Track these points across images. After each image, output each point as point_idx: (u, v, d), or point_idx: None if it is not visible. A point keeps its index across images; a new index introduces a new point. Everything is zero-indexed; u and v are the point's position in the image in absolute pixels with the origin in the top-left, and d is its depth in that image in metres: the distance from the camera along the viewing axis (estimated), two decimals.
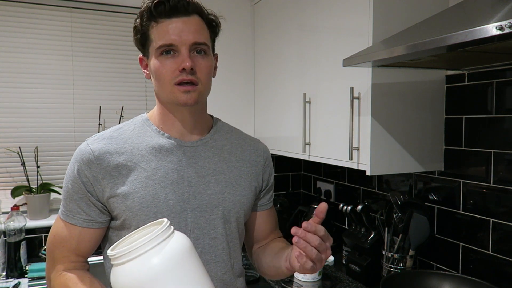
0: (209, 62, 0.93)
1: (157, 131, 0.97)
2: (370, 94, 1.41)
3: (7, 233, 1.82)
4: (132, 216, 0.90)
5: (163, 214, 0.91)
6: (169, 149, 0.95)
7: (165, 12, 0.89)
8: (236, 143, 1.05)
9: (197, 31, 0.90)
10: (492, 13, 0.89)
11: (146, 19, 0.90)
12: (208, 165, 0.97)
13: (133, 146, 0.94)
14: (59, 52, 2.08)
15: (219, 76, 2.22)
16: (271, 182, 1.11)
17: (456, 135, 1.53)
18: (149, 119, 1.00)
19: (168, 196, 0.92)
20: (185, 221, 0.93)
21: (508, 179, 1.36)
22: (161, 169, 0.93)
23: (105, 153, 0.92)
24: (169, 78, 0.89)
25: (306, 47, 1.78)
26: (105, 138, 0.95)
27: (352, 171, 2.09)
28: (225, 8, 2.21)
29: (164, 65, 0.89)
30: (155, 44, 0.90)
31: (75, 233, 0.93)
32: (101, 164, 0.91)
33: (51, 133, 2.09)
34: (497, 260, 1.39)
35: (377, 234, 1.70)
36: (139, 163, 0.92)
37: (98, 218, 0.93)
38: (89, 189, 0.91)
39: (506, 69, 1.35)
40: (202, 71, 0.91)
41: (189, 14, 0.90)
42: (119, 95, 2.20)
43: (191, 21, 0.90)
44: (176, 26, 0.88)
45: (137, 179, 0.91)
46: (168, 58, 0.89)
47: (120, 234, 0.94)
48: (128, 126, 0.99)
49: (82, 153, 0.92)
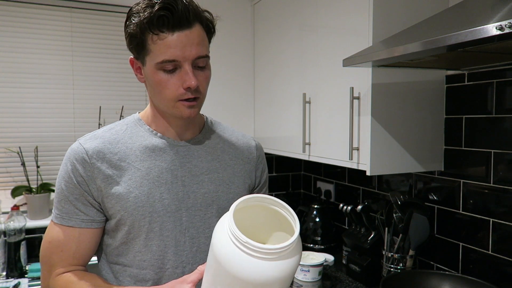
0: (208, 72, 0.92)
1: (149, 130, 0.96)
2: (370, 94, 1.41)
3: (7, 233, 1.82)
4: (127, 216, 0.90)
5: (158, 214, 0.91)
6: (162, 148, 0.95)
7: (167, 25, 0.83)
8: (228, 141, 1.05)
9: (199, 44, 0.87)
10: (492, 13, 0.89)
11: (145, 28, 0.84)
12: (201, 164, 0.97)
13: (126, 146, 0.93)
14: (59, 52, 2.08)
15: (219, 76, 2.23)
16: (264, 178, 1.11)
17: (456, 135, 1.53)
18: (142, 119, 0.99)
19: (163, 195, 0.92)
20: (180, 220, 0.93)
21: (508, 179, 1.36)
22: (155, 169, 0.93)
23: (99, 152, 0.91)
24: (172, 95, 0.88)
25: (306, 47, 1.78)
26: (98, 137, 0.94)
27: (352, 171, 2.09)
28: (225, 8, 2.21)
29: (166, 81, 0.87)
30: (155, 57, 0.86)
31: (74, 235, 0.91)
32: (95, 164, 0.90)
33: (51, 133, 2.09)
34: (497, 260, 1.39)
35: (377, 234, 1.70)
36: (133, 163, 0.92)
37: (97, 218, 0.93)
38: (84, 189, 0.90)
39: (506, 69, 1.35)
40: (203, 83, 0.90)
41: (191, 26, 0.85)
42: (119, 95, 2.20)
43: (193, 34, 0.86)
44: (178, 40, 0.84)
45: (131, 178, 0.91)
46: (169, 74, 0.86)
47: (115, 236, 0.93)
48: (120, 126, 0.98)
49: (75, 152, 0.91)
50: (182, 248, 0.94)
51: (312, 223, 2.08)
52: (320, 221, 2.08)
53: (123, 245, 0.93)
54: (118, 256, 0.95)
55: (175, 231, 0.93)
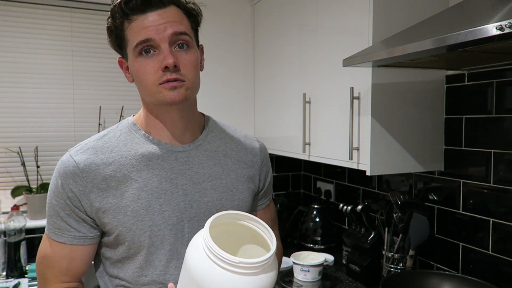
0: (194, 55, 0.84)
1: (145, 136, 0.89)
2: (370, 94, 1.41)
3: (7, 233, 1.82)
4: (125, 231, 0.84)
5: (158, 227, 0.85)
6: (160, 156, 0.88)
7: (137, 7, 0.80)
8: (231, 143, 0.98)
9: (175, 22, 0.81)
10: (492, 13, 0.89)
11: (118, 17, 0.82)
12: (203, 170, 0.91)
13: (121, 155, 0.86)
14: (59, 52, 2.08)
15: (219, 76, 2.23)
16: (268, 181, 1.06)
17: (456, 135, 1.53)
18: (136, 123, 0.92)
19: (163, 207, 0.86)
20: (182, 232, 0.88)
21: (508, 179, 1.36)
22: (153, 179, 0.86)
23: (91, 165, 0.84)
24: (152, 80, 0.81)
25: (306, 47, 1.78)
26: (90, 148, 0.87)
27: (352, 171, 2.09)
28: (225, 8, 2.21)
29: (145, 66, 0.81)
30: (131, 44, 0.82)
31: (65, 252, 0.86)
32: (87, 177, 0.83)
33: (51, 133, 2.09)
34: (497, 260, 1.39)
35: (377, 234, 1.70)
36: (129, 174, 0.85)
37: (89, 234, 0.87)
38: (76, 204, 0.84)
39: (506, 69, 1.35)
40: (187, 66, 0.83)
41: (165, 6, 0.81)
42: (119, 95, 2.20)
43: (167, 13, 0.81)
44: (151, 20, 0.80)
45: (128, 191, 0.84)
46: (148, 58, 0.81)
47: (115, 251, 0.88)
48: (113, 132, 0.91)
49: (65, 166, 0.85)
50: None
51: (312, 223, 2.08)
52: (320, 221, 2.08)
53: (124, 260, 0.88)
54: (118, 270, 0.90)
55: (177, 244, 0.88)
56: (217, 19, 2.17)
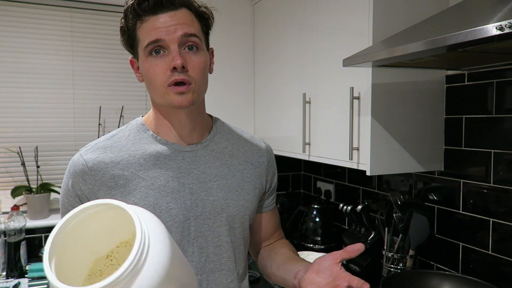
0: (203, 57, 0.86)
1: (153, 136, 0.92)
2: (370, 94, 1.41)
3: (7, 233, 1.82)
4: None
5: (165, 225, 0.85)
6: (167, 155, 0.90)
7: (149, 8, 0.83)
8: (237, 144, 1.00)
9: (185, 24, 0.84)
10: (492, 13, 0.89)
11: (131, 18, 0.85)
12: (209, 170, 0.93)
13: (129, 154, 0.89)
14: (59, 52, 2.08)
15: (219, 76, 2.23)
16: (274, 183, 1.07)
17: (456, 135, 1.53)
18: (145, 123, 0.94)
19: (170, 205, 0.88)
20: (188, 230, 0.89)
21: (508, 179, 1.36)
22: (160, 177, 0.88)
23: (100, 163, 0.87)
24: (161, 80, 0.83)
25: (306, 47, 1.78)
26: (99, 147, 0.89)
27: (352, 171, 2.09)
28: (225, 8, 2.21)
29: (154, 66, 0.83)
30: (142, 43, 0.85)
31: None
32: (96, 175, 0.86)
33: (51, 133, 2.09)
34: (497, 260, 1.39)
35: (377, 234, 1.70)
36: (137, 172, 0.87)
37: None
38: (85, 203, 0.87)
39: (506, 69, 1.35)
40: (195, 68, 0.84)
41: (176, 8, 0.84)
42: (119, 95, 2.20)
43: (179, 15, 0.84)
44: (162, 21, 0.82)
45: (135, 189, 0.87)
46: (157, 58, 0.83)
47: None
48: (122, 132, 0.93)
49: (75, 165, 0.87)
50: (191, 259, 0.90)
51: (312, 223, 2.08)
52: (320, 221, 2.08)
53: None
54: None
55: (183, 242, 0.89)
56: (217, 19, 2.16)
